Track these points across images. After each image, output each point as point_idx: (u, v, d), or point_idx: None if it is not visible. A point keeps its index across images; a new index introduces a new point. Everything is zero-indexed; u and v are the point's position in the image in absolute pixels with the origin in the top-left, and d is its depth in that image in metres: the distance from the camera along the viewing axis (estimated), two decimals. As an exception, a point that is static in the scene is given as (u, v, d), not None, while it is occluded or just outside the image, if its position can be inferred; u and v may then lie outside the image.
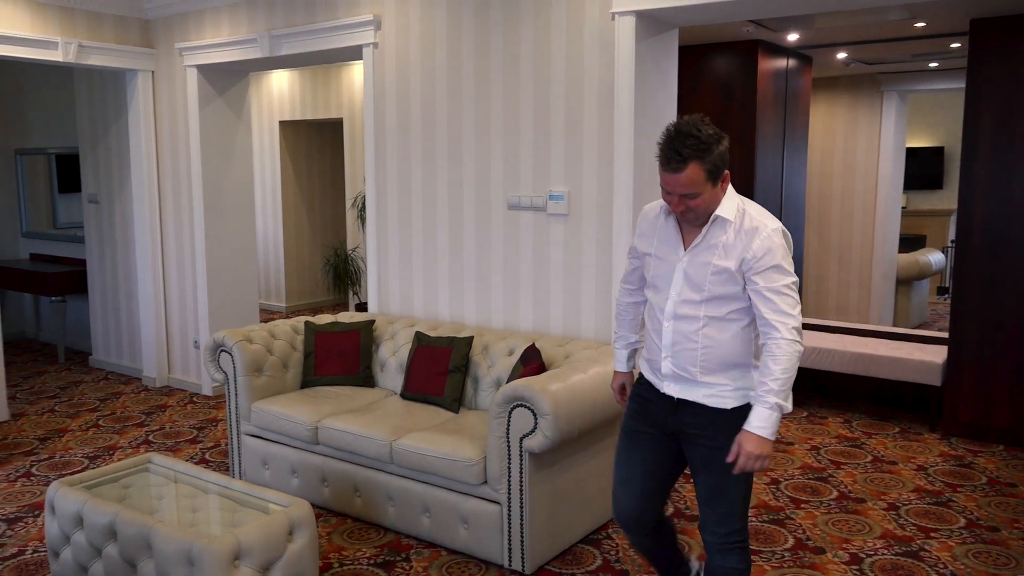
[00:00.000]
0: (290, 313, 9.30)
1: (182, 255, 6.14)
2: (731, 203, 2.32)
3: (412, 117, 4.66)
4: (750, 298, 2.30)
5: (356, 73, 8.52)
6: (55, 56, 5.52)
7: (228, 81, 5.99)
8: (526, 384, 3.21)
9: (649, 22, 3.90)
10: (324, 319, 4.62)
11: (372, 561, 3.46)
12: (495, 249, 4.39)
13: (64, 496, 3.07)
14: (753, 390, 2.30)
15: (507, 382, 3.67)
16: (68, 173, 7.64)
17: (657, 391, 2.49)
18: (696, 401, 2.41)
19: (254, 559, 2.68)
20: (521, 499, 3.25)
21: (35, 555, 3.54)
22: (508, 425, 3.23)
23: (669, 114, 4.13)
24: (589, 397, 3.33)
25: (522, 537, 3.27)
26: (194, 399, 5.98)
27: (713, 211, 2.31)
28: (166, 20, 5.95)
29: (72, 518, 3.02)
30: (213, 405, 5.82)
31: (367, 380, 4.39)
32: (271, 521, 2.79)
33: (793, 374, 2.24)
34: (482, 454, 3.35)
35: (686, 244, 2.38)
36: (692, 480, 2.53)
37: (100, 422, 5.44)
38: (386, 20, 4.70)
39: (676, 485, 3.78)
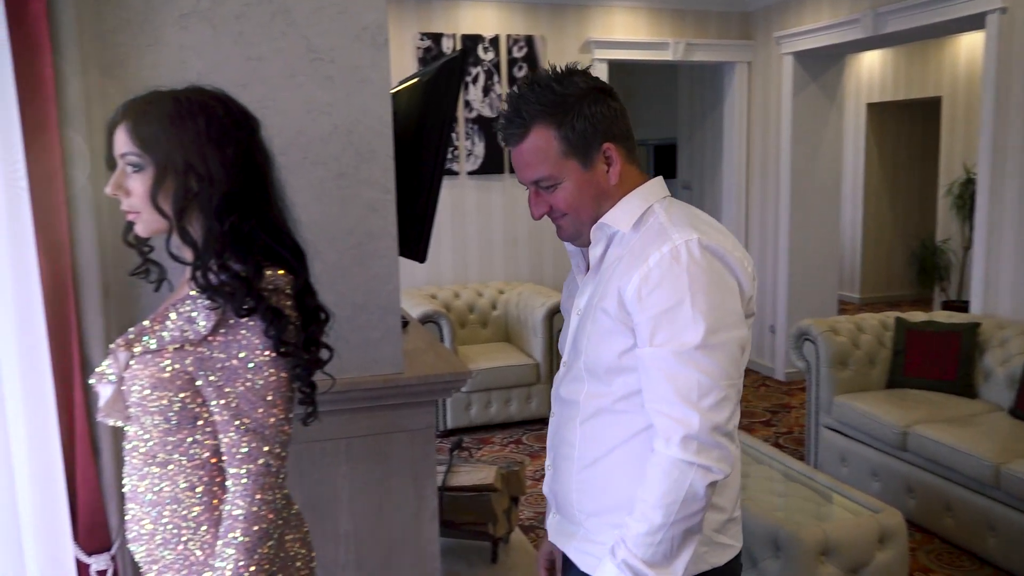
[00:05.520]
0: (863, 305, 8.87)
1: (764, 241, 6.28)
2: (632, 204, 1.42)
3: (1047, 89, 3.97)
4: None
5: (962, 45, 7.64)
6: (666, 56, 6.08)
7: (823, 66, 5.89)
8: None
9: None
10: (916, 316, 4.26)
11: (966, 592, 3.10)
12: None
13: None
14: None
15: None
16: (664, 161, 8.45)
17: None
18: (572, 560, 1.50)
19: (841, 559, 2.61)
20: None
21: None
22: None
23: None
24: None
25: None
26: (766, 382, 6.10)
27: (599, 215, 1.43)
28: (765, 11, 6.09)
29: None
30: (785, 391, 5.86)
31: (966, 389, 3.92)
32: (861, 524, 2.69)
33: (684, 518, 1.24)
34: None
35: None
36: None
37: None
38: (1020, -21, 4.08)
39: None
